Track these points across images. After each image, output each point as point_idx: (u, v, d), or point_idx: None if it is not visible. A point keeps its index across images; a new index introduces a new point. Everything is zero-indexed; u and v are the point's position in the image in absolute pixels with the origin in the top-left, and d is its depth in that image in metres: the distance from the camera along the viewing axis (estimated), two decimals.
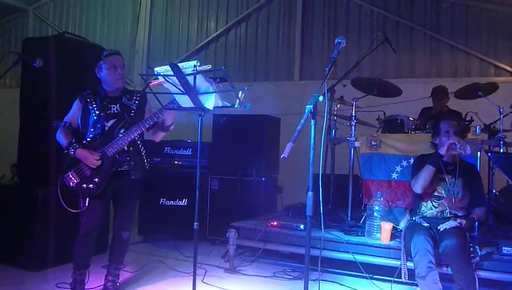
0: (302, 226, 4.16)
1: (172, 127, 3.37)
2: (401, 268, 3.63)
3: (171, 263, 4.45)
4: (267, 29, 7.87)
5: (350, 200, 4.48)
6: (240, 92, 2.45)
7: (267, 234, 4.20)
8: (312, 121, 2.25)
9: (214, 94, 2.50)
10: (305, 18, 7.59)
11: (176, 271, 4.21)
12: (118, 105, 3.38)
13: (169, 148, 5.42)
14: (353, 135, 4.48)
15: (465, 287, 3.27)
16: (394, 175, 4.35)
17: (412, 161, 4.17)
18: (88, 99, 3.37)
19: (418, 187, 3.68)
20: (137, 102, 3.44)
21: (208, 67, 2.40)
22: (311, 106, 2.20)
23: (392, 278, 3.70)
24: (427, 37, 6.93)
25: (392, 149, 4.35)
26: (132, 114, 3.37)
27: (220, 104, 2.58)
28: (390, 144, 4.37)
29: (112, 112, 3.36)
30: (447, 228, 3.50)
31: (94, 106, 3.34)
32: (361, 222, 4.29)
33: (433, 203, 3.73)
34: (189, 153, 5.42)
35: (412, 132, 4.49)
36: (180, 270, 4.23)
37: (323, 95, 2.34)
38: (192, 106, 2.61)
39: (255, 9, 7.90)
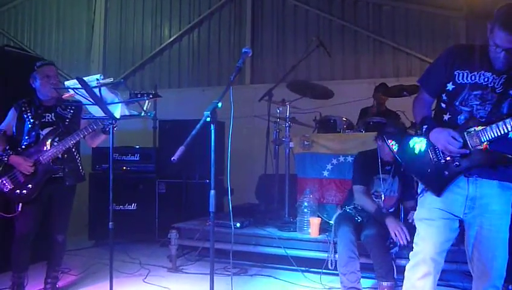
0: (238, 224, 4.36)
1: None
2: (328, 259, 3.86)
3: (117, 265, 4.56)
4: (218, 35, 8.07)
5: (287, 198, 4.70)
6: (146, 102, 2.64)
7: (205, 233, 4.38)
8: (212, 126, 2.44)
9: (120, 104, 2.68)
10: (254, 23, 7.82)
11: (120, 272, 4.35)
12: (52, 114, 3.54)
13: (117, 154, 5.57)
14: (287, 136, 4.70)
15: (384, 274, 3.52)
16: (325, 173, 4.60)
17: (341, 158, 4.42)
18: (23, 108, 3.51)
19: None
20: (72, 111, 3.60)
21: (110, 80, 2.57)
22: (209, 112, 2.38)
23: (321, 270, 3.93)
24: (370, 39, 7.21)
25: (323, 148, 4.60)
26: (67, 123, 3.54)
27: (127, 113, 2.76)
28: (321, 143, 4.62)
29: (47, 120, 3.52)
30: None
31: (29, 114, 3.49)
32: (296, 218, 4.51)
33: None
34: (137, 158, 5.58)
35: (343, 132, 4.73)
36: (124, 271, 4.39)
37: (235, 100, 2.55)
38: (104, 115, 2.79)
39: (207, 15, 8.09)
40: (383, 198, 3.86)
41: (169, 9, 8.40)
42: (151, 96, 2.87)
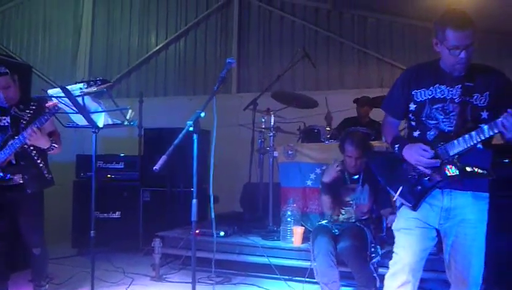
0: (222, 233, 4.38)
1: (51, 148, 3.29)
2: (312, 268, 3.88)
3: (100, 274, 4.54)
4: (205, 44, 8.11)
5: (271, 206, 4.74)
6: (130, 111, 2.67)
7: (189, 242, 4.38)
8: (194, 135, 2.47)
9: (103, 113, 2.70)
10: (241, 33, 7.88)
11: (103, 281, 4.34)
12: (8, 117, 3.29)
13: (101, 162, 5.56)
14: (271, 145, 4.75)
15: (365, 283, 3.57)
16: (309, 182, 4.66)
17: (324, 168, 4.47)
18: None
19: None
20: (32, 111, 3.31)
21: (94, 89, 2.59)
22: (192, 122, 2.41)
23: (303, 279, 3.96)
24: (355, 50, 7.31)
25: (306, 158, 4.66)
26: (23, 125, 3.24)
27: (110, 121, 2.78)
28: (304, 153, 4.67)
29: (2, 124, 3.28)
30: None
31: None
32: (280, 227, 4.54)
33: (342, 209, 3.97)
34: (122, 166, 5.58)
35: (327, 141, 4.79)
36: (107, 280, 4.37)
37: (215, 109, 2.60)
38: (87, 124, 2.80)
39: (193, 25, 8.13)
40: (354, 207, 3.91)
41: (156, 18, 8.41)
42: (99, 82, 2.68)
